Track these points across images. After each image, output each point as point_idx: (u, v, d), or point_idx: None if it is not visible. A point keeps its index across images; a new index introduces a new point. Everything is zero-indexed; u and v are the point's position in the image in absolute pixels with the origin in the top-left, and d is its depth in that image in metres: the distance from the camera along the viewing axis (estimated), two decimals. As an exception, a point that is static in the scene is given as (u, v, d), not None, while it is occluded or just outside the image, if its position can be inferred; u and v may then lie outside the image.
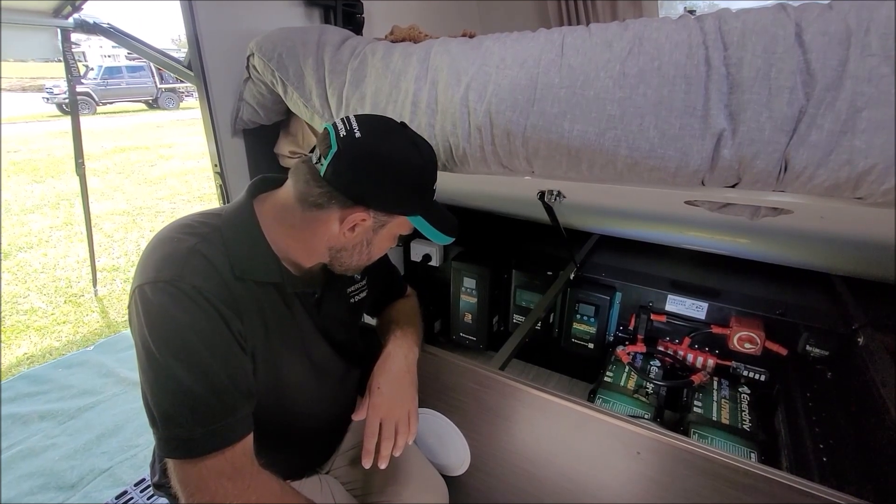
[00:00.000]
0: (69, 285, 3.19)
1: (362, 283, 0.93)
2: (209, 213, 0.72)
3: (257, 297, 0.69)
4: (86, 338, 2.58)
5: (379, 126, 0.71)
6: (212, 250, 0.64)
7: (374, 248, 0.77)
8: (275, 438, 0.78)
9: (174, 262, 0.61)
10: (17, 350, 2.45)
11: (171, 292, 0.59)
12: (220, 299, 0.62)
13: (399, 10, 1.68)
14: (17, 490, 1.54)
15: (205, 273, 0.62)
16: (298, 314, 0.77)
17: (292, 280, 0.74)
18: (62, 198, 5.01)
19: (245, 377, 0.66)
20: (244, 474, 0.62)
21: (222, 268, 0.64)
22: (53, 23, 1.91)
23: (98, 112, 11.42)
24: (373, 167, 0.67)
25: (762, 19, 0.65)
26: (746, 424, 1.18)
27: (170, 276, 0.60)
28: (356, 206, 0.68)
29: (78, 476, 1.59)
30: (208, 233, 0.66)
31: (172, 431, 0.59)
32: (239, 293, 0.65)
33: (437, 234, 0.76)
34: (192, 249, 0.63)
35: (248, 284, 0.67)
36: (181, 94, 13.35)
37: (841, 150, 0.60)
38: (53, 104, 11.21)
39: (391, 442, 0.78)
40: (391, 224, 0.74)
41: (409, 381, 0.85)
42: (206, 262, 0.63)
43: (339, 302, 0.87)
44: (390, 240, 0.78)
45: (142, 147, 7.73)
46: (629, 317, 1.52)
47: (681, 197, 0.84)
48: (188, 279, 0.60)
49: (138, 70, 12.21)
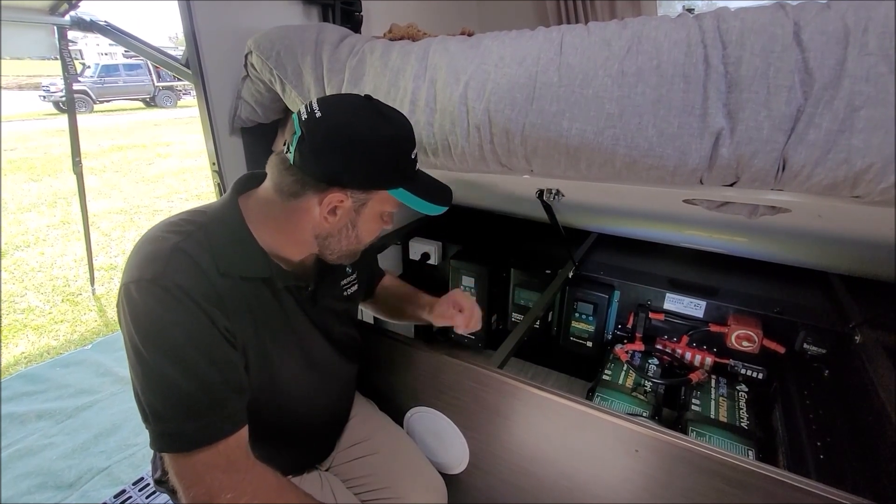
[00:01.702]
0: (66, 284, 3.18)
1: (353, 276, 0.93)
2: (195, 211, 0.72)
3: (244, 293, 0.68)
4: (83, 337, 2.57)
5: (341, 103, 0.69)
6: (195, 248, 0.64)
7: (360, 230, 0.74)
8: (273, 433, 0.79)
9: (157, 261, 0.61)
10: (14, 349, 2.44)
11: (154, 291, 0.60)
12: (203, 296, 0.62)
13: (397, 9, 1.67)
14: (16, 489, 1.53)
15: (187, 271, 0.62)
16: (290, 309, 0.77)
17: (282, 274, 0.73)
18: (59, 196, 5.00)
19: (234, 371, 0.66)
20: (239, 467, 0.62)
21: (206, 265, 0.64)
22: (50, 20, 1.90)
23: (95, 110, 11.37)
24: (338, 145, 0.65)
25: (760, 18, 0.65)
26: (744, 422, 1.18)
27: (152, 275, 0.60)
28: (331, 189, 0.67)
29: (76, 475, 1.59)
30: (192, 230, 0.66)
31: (164, 427, 0.60)
32: (224, 290, 0.65)
33: (426, 205, 0.73)
34: (175, 247, 0.63)
35: (234, 280, 0.67)
36: (179, 93, 13.28)
37: (839, 149, 0.60)
38: (50, 102, 11.15)
39: (478, 310, 0.94)
40: (372, 202, 0.72)
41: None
42: (189, 259, 0.63)
43: (333, 295, 0.87)
44: (377, 219, 0.75)
45: (139, 145, 7.70)
46: (627, 315, 1.52)
47: (679, 195, 0.84)
48: (170, 277, 0.60)
49: (136, 68, 12.15)
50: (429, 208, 0.73)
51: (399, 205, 0.73)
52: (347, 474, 0.96)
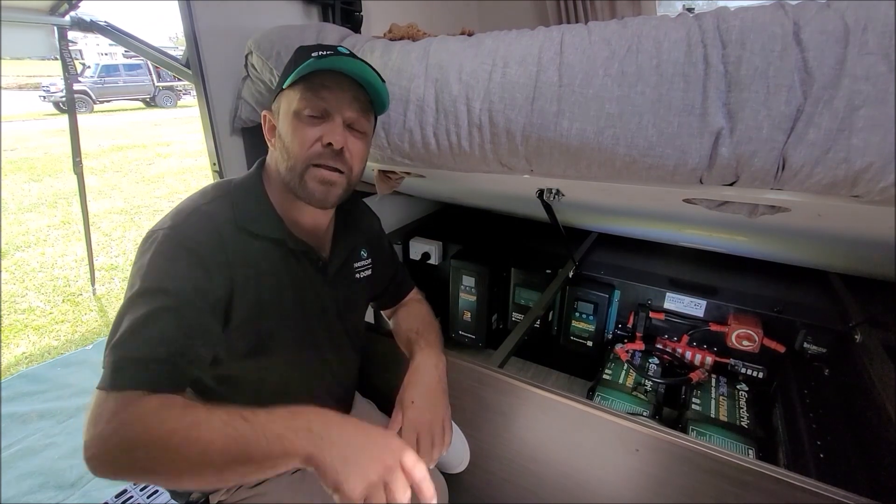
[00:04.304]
0: (67, 284, 3.18)
1: (367, 261, 0.94)
2: (226, 180, 0.79)
3: (256, 255, 0.72)
4: (84, 337, 2.57)
5: None
6: (218, 210, 0.70)
7: (283, 136, 0.72)
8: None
9: (180, 216, 0.68)
10: (15, 349, 2.44)
11: (168, 239, 0.64)
12: (211, 259, 0.66)
13: (397, 9, 1.68)
14: (17, 489, 1.54)
15: (204, 230, 0.67)
16: (300, 276, 0.78)
17: (294, 238, 0.76)
18: (60, 196, 5.00)
19: (202, 341, 0.64)
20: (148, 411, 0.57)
21: (223, 226, 0.69)
22: (50, 21, 1.90)
23: (95, 110, 11.36)
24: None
25: (760, 17, 0.65)
26: (744, 421, 1.18)
27: (171, 225, 0.66)
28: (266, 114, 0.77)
29: (77, 475, 1.59)
30: (219, 195, 0.73)
31: (113, 358, 0.58)
32: (235, 250, 0.69)
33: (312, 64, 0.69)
34: (199, 208, 0.69)
35: (249, 241, 0.71)
36: (179, 93, 13.28)
37: (838, 149, 0.60)
38: (50, 102, 11.15)
39: (430, 457, 0.77)
40: (281, 104, 0.74)
41: (440, 391, 0.84)
42: (209, 221, 0.68)
43: (345, 274, 0.88)
44: (289, 122, 0.71)
45: (139, 145, 7.70)
46: (628, 314, 1.52)
47: (679, 195, 0.84)
48: (186, 232, 0.66)
49: (136, 68, 12.15)
50: (310, 65, 0.69)
51: (303, 99, 0.70)
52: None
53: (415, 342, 0.91)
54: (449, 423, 0.83)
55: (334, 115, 0.71)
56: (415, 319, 0.99)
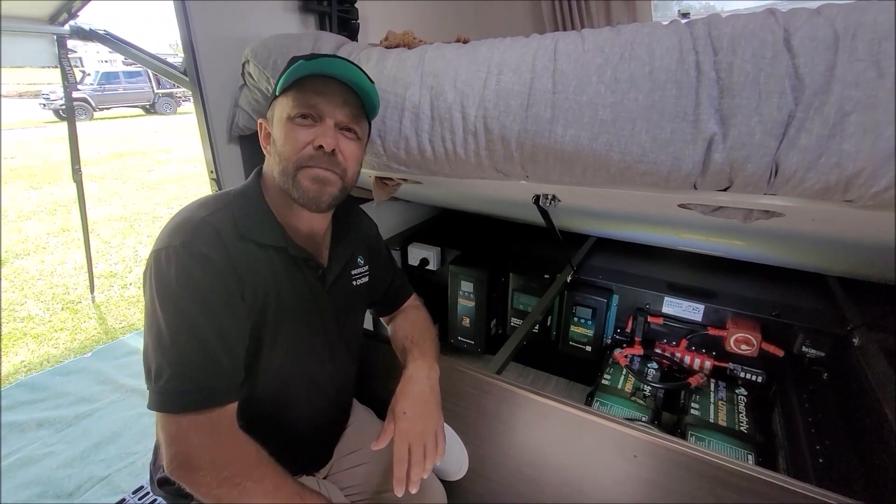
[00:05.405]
0: (66, 292, 3.18)
1: (364, 268, 0.94)
2: (224, 191, 0.79)
3: (259, 263, 0.72)
4: (83, 345, 2.57)
5: None
6: (220, 221, 0.70)
7: (277, 140, 0.74)
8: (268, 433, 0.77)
9: (186, 231, 0.67)
10: (14, 358, 2.44)
11: (181, 256, 0.64)
12: (223, 264, 0.67)
13: (394, 16, 1.69)
14: (16, 498, 1.53)
15: (212, 241, 0.67)
16: (301, 283, 0.79)
17: (295, 245, 0.77)
18: (59, 204, 5.00)
19: (237, 347, 0.69)
20: (222, 433, 0.65)
21: (227, 235, 0.69)
22: (50, 29, 1.92)
23: (95, 117, 11.40)
24: None
25: (751, 24, 0.65)
26: (743, 426, 1.18)
27: (180, 242, 0.65)
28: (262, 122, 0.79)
29: (76, 484, 1.59)
30: (220, 207, 0.72)
31: (161, 385, 0.63)
32: (239, 257, 0.69)
33: (301, 66, 0.71)
34: (203, 220, 0.68)
35: (251, 249, 0.71)
36: (178, 99, 13.32)
37: (830, 154, 0.61)
38: (50, 110, 11.18)
39: (421, 467, 0.76)
40: (275, 111, 0.75)
41: (433, 401, 0.84)
42: (214, 231, 0.68)
43: (344, 281, 0.88)
44: (282, 126, 0.73)
45: (139, 152, 7.72)
46: (626, 319, 1.52)
47: (674, 200, 0.85)
48: (196, 246, 0.65)
49: (135, 75, 12.20)
50: (299, 67, 0.71)
51: (295, 102, 0.72)
52: (345, 482, 0.96)
53: (409, 351, 0.91)
54: (442, 434, 0.82)
55: (325, 118, 0.73)
56: (411, 327, 0.99)
